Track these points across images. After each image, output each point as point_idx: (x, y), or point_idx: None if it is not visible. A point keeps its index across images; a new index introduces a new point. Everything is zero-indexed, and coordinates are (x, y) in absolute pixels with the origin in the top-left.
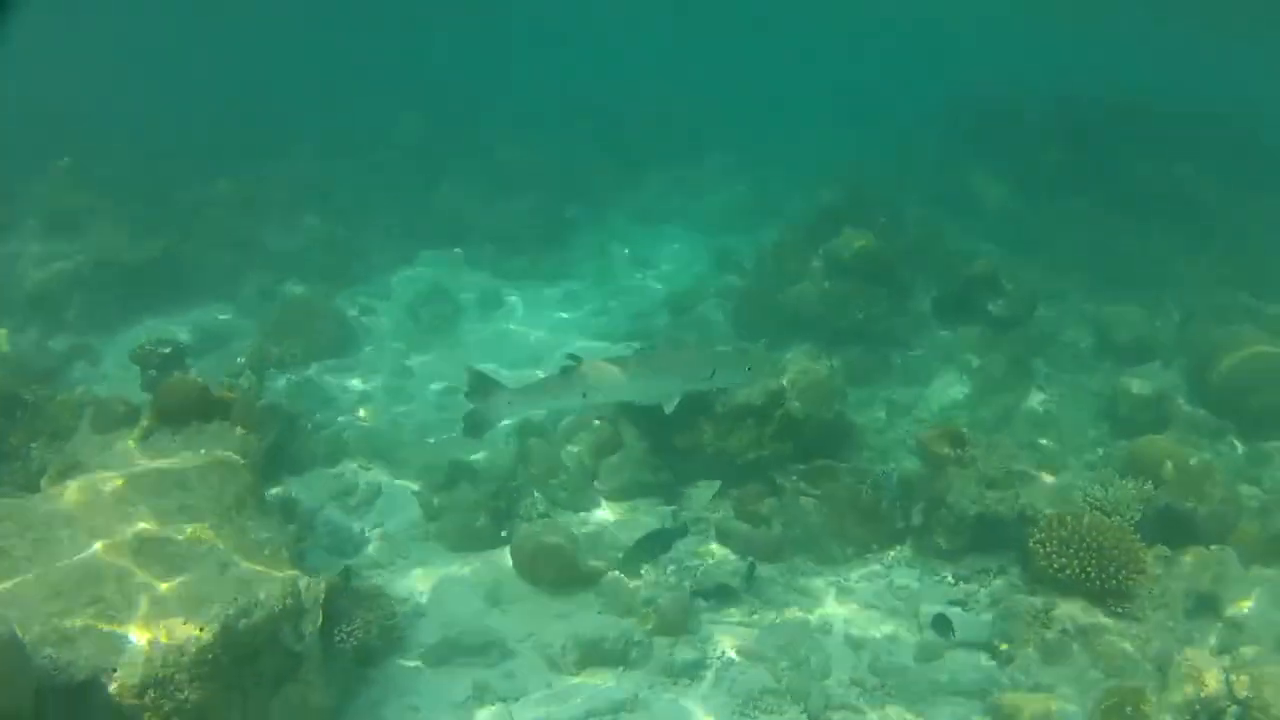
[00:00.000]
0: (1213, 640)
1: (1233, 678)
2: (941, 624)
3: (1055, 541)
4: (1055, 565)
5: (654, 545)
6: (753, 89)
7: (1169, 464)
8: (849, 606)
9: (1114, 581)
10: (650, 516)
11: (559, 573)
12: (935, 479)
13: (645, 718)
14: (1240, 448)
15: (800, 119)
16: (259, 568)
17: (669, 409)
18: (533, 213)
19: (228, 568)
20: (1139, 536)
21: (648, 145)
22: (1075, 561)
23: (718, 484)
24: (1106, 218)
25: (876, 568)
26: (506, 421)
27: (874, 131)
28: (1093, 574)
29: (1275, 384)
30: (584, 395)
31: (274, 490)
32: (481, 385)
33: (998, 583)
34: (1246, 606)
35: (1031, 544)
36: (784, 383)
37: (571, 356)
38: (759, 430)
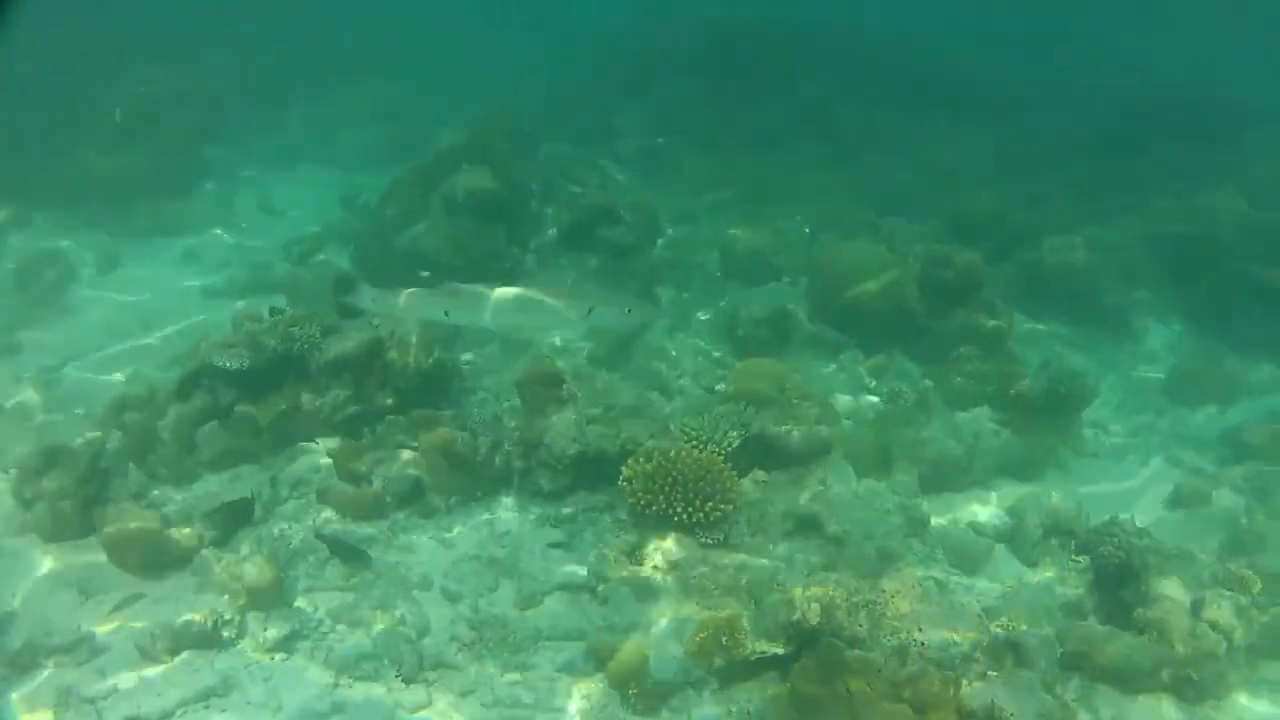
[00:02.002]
0: (815, 559)
1: (802, 604)
2: None
3: (641, 478)
4: (643, 502)
5: (233, 514)
6: (412, 16)
7: (768, 385)
8: (449, 559)
9: (702, 513)
10: (251, 484)
11: (149, 555)
12: (534, 419)
13: (238, 699)
14: (861, 359)
15: (460, 50)
16: None
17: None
18: (159, 160)
19: None
20: (729, 465)
21: (289, 78)
22: (662, 496)
23: (316, 444)
24: (748, 143)
25: (481, 515)
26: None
27: (528, 64)
28: (679, 507)
29: (885, 296)
30: (445, 314)
31: None
32: (347, 282)
33: (603, 520)
34: (847, 523)
35: (620, 483)
36: (382, 334)
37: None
38: (357, 383)
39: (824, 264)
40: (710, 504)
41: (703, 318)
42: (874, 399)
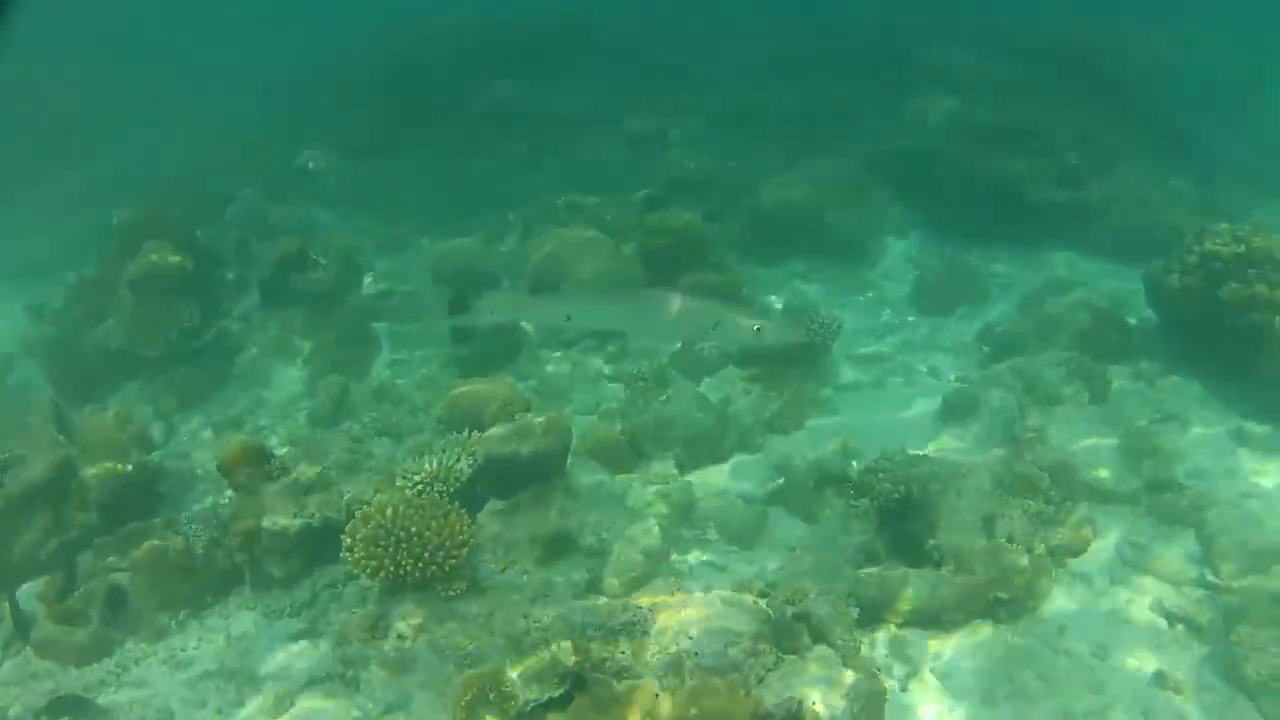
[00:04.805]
0: (576, 577)
1: (555, 646)
2: None
3: (364, 543)
4: (371, 569)
5: None
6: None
7: (486, 406)
8: (186, 680)
9: (434, 565)
10: None
11: None
12: (248, 503)
13: None
14: (595, 350)
15: (141, 131)
16: None
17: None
18: None
19: None
20: (458, 504)
21: None
22: (388, 558)
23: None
24: (449, 155)
25: (214, 623)
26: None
27: (212, 125)
28: (408, 566)
29: (605, 276)
30: (568, 318)
31: None
32: (461, 300)
33: (347, 595)
34: (603, 529)
35: (342, 553)
36: (71, 451)
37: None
38: (55, 511)
39: (538, 259)
40: (442, 553)
41: (425, 350)
42: (616, 386)
